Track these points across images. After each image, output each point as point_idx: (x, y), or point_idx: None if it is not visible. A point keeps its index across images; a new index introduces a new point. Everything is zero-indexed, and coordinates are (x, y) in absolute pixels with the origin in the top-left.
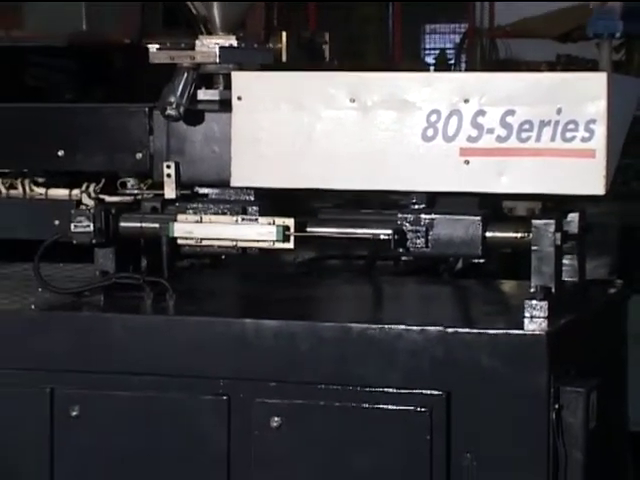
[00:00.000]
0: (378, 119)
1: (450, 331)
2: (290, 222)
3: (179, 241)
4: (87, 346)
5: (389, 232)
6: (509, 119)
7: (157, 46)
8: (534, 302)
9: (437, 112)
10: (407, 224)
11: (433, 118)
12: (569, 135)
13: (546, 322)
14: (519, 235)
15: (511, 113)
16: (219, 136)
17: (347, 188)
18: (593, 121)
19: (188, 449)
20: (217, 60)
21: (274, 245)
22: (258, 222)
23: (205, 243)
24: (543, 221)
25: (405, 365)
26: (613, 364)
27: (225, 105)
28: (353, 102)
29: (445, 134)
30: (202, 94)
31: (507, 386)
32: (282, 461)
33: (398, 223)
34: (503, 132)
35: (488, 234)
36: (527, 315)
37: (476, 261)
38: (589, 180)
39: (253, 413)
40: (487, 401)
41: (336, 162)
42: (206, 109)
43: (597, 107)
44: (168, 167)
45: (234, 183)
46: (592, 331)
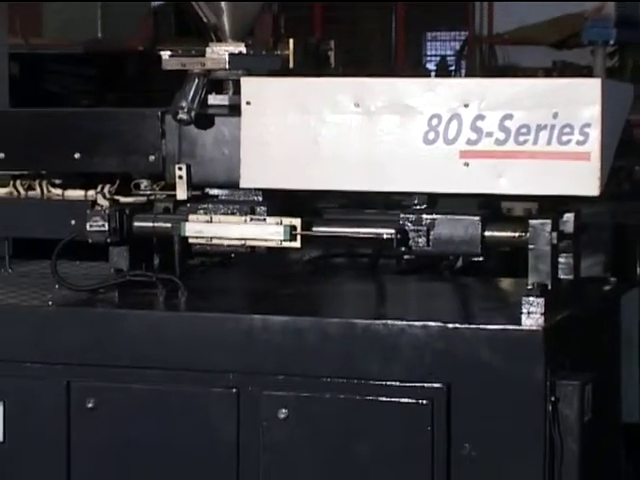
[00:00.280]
0: (381, 123)
1: (450, 326)
2: (297, 222)
3: (190, 240)
4: (102, 341)
5: (392, 231)
6: (507, 123)
7: (169, 53)
8: (531, 299)
9: (438, 116)
10: (409, 224)
11: (434, 122)
12: (565, 138)
13: (542, 318)
14: (517, 234)
15: (509, 117)
16: (229, 139)
17: (351, 189)
18: (588, 125)
19: (199, 439)
20: (227, 66)
21: (281, 244)
22: (266, 222)
23: (215, 242)
24: (540, 221)
25: (407, 359)
26: (607, 358)
27: (234, 109)
28: (357, 107)
29: (446, 137)
30: (212, 99)
31: (505, 379)
32: (289, 450)
33: (400, 223)
34: (501, 135)
35: (487, 233)
36: (524, 311)
37: (475, 259)
38: (584, 182)
39: (261, 405)
40: (486, 393)
41: (341, 164)
42: (216, 113)
43: (592, 112)
44: (180, 169)
45: (243, 184)
46: (587, 326)
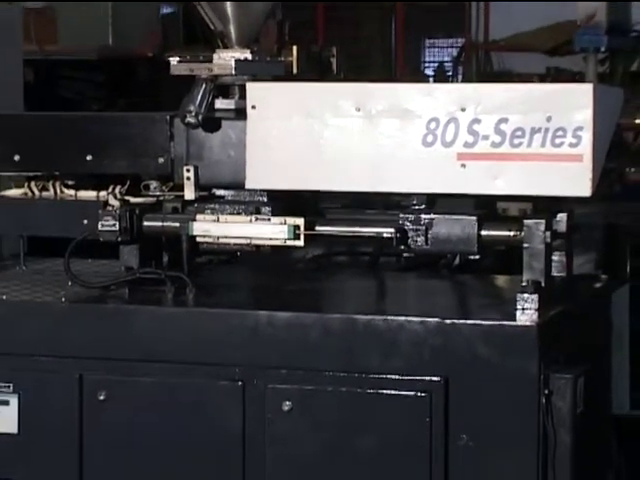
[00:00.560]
0: (382, 126)
1: (448, 322)
2: (300, 221)
3: (198, 239)
4: (113, 335)
5: (392, 231)
6: (503, 126)
7: (178, 59)
8: (525, 295)
9: (436, 120)
10: (408, 223)
11: (432, 125)
12: (558, 141)
13: (537, 314)
14: (512, 234)
15: (504, 121)
16: (235, 142)
17: (353, 190)
18: (580, 128)
19: (206, 430)
20: (233, 72)
21: (285, 243)
22: (271, 221)
23: (222, 241)
24: (534, 221)
25: (406, 353)
26: (599, 352)
27: (240, 113)
28: (358, 111)
29: (443, 140)
30: (219, 103)
31: (501, 373)
32: (293, 442)
33: (400, 222)
34: (497, 138)
35: (483, 233)
36: (519, 307)
37: (472, 257)
38: (577, 183)
39: (266, 398)
40: (482, 387)
41: (343, 166)
42: (223, 117)
43: (584, 115)
44: (188, 171)
45: (248, 185)
46: (579, 322)
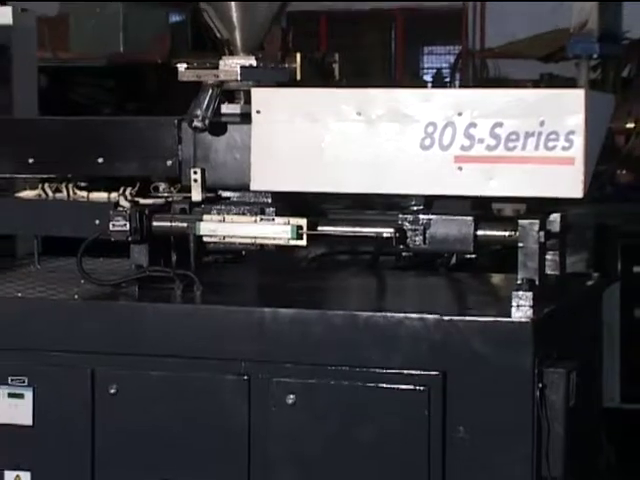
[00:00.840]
0: (381, 130)
1: (446, 318)
2: (303, 222)
3: (205, 238)
4: (124, 331)
5: (391, 231)
6: (498, 130)
7: (185, 65)
8: (520, 293)
9: (434, 124)
10: (407, 224)
11: (430, 129)
12: (551, 145)
13: (531, 311)
14: (507, 234)
15: (499, 125)
16: (240, 145)
17: (354, 192)
18: (572, 132)
19: (213, 422)
20: (238, 78)
21: (289, 242)
22: (275, 222)
23: (227, 240)
24: (528, 221)
25: (406, 349)
26: (590, 347)
27: (245, 118)
28: (359, 115)
29: (441, 143)
30: (225, 108)
31: (496, 367)
32: (296, 434)
33: (399, 223)
34: (492, 142)
35: (479, 232)
36: (514, 304)
37: (468, 256)
38: (569, 185)
39: (271, 391)
40: (479, 381)
41: (344, 169)
42: (228, 121)
43: (576, 120)
44: (195, 173)
45: (253, 187)
46: (572, 318)
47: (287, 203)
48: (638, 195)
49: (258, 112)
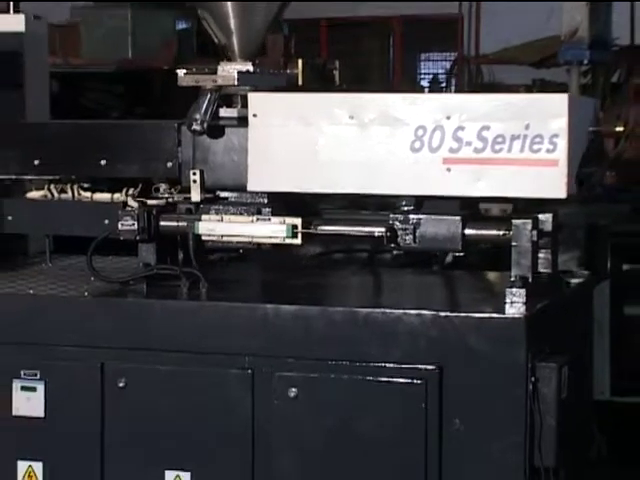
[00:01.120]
0: (373, 133)
1: (442, 314)
2: (298, 221)
3: (203, 237)
4: (132, 327)
5: (382, 230)
6: (485, 133)
7: (184, 71)
8: (514, 290)
9: (423, 127)
10: (398, 223)
11: (420, 132)
12: (536, 147)
13: (524, 307)
14: (494, 232)
15: (486, 128)
16: (237, 148)
17: (347, 192)
18: (556, 135)
19: (218, 415)
20: (236, 83)
21: (284, 241)
22: (270, 221)
23: (226, 239)
24: (522, 221)
25: (404, 344)
26: (581, 342)
27: (243, 121)
28: (352, 119)
29: (430, 146)
30: (223, 112)
31: (491, 361)
32: (298, 426)
33: (390, 222)
34: (480, 144)
35: (467, 231)
36: (508, 301)
37: (463, 255)
38: (553, 185)
39: (274, 385)
40: (474, 374)
41: (337, 170)
42: (226, 125)
43: (559, 124)
44: (194, 174)
45: (250, 188)
46: (563, 314)
47: (283, 203)
48: (627, 196)
49: (255, 116)
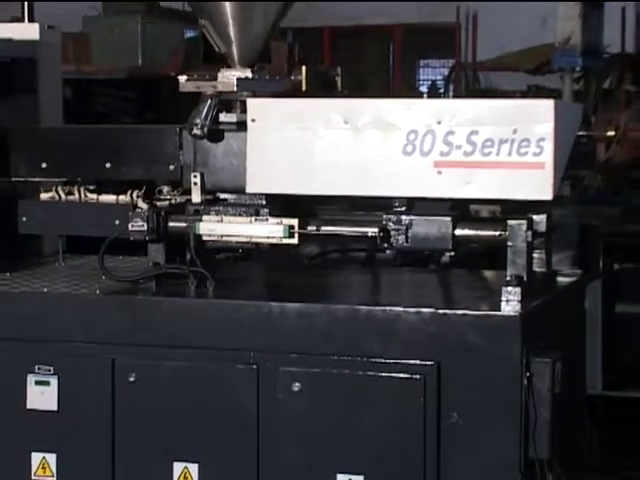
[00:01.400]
0: (367, 137)
1: (441, 312)
2: (295, 222)
3: (204, 237)
4: (142, 324)
5: (376, 230)
6: (474, 137)
7: (185, 77)
8: (509, 288)
9: (415, 132)
10: (391, 223)
11: (411, 137)
12: (523, 150)
13: (519, 305)
14: (483, 233)
15: (476, 133)
16: (237, 151)
17: (341, 194)
18: (543, 139)
19: (224, 409)
20: (235, 89)
21: (281, 241)
22: (268, 222)
23: (225, 239)
24: (517, 222)
25: (403, 340)
26: (574, 339)
27: (241, 126)
28: (346, 123)
29: (421, 150)
30: (223, 117)
31: (487, 357)
32: (302, 419)
33: (383, 223)
34: (469, 148)
35: (457, 232)
36: (504, 299)
37: (460, 255)
38: (540, 187)
39: (278, 379)
40: (471, 370)
41: (332, 172)
42: (226, 129)
43: (546, 128)
44: (195, 177)
45: (249, 190)
46: (557, 312)
47: (280, 205)
48: (618, 198)
49: (253, 120)
